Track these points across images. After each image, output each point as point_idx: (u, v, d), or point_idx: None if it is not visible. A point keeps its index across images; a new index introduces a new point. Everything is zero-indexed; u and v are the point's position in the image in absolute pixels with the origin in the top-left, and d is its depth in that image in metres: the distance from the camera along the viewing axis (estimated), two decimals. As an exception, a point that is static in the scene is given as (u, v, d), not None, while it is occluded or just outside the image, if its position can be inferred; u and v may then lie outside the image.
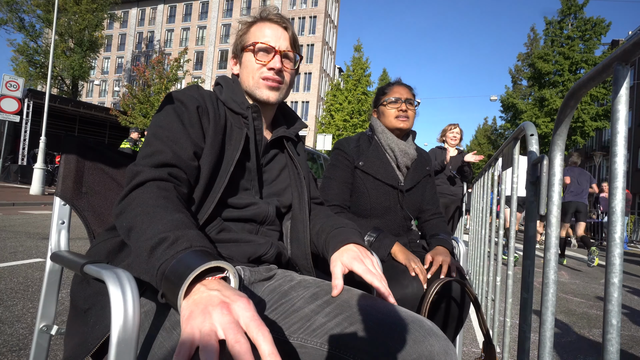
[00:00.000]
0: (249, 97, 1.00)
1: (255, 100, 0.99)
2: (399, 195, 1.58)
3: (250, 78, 0.98)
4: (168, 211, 0.67)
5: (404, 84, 1.65)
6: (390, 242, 1.41)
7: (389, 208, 1.57)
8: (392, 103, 1.59)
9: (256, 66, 0.96)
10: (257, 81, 0.97)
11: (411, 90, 1.63)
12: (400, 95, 1.59)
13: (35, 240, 4.41)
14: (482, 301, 2.37)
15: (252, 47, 0.96)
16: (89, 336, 0.69)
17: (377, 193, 1.55)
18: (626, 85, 0.62)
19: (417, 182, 1.64)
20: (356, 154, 1.59)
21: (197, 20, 43.90)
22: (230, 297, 0.54)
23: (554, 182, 0.91)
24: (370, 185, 1.55)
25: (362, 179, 1.56)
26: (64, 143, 0.99)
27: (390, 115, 1.59)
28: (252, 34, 0.99)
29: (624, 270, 0.63)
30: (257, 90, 0.97)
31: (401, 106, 1.57)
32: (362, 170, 1.56)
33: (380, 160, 1.58)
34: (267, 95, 0.97)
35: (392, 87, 1.63)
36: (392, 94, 1.60)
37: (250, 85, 0.98)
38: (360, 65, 24.65)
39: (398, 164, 1.60)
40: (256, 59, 0.96)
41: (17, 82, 11.68)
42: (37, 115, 14.47)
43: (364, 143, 1.63)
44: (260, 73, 0.96)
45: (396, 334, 0.69)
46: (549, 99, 18.24)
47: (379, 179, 1.55)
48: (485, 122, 45.17)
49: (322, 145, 15.07)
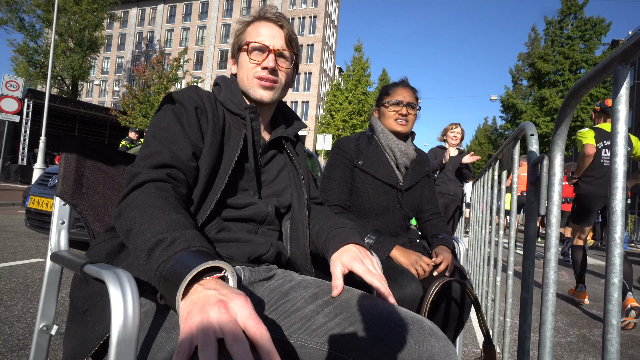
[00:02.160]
0: (246, 97, 1.00)
1: (251, 100, 0.99)
2: (398, 194, 1.58)
3: (245, 78, 0.98)
4: (166, 212, 0.67)
5: (408, 85, 1.63)
6: (389, 245, 1.41)
7: (388, 207, 1.56)
8: (393, 105, 1.58)
9: (250, 66, 0.96)
10: (252, 81, 0.97)
11: (414, 93, 1.62)
12: (403, 99, 1.58)
13: (35, 240, 4.41)
14: (482, 301, 2.37)
15: (247, 47, 0.96)
16: (89, 336, 0.69)
17: (376, 192, 1.55)
18: (626, 85, 0.62)
19: (416, 182, 1.64)
20: (355, 153, 1.59)
21: (197, 20, 43.90)
22: (228, 295, 0.54)
23: (554, 182, 0.91)
24: (369, 184, 1.55)
25: (361, 178, 1.56)
26: (64, 143, 0.99)
27: (390, 117, 1.59)
28: (249, 33, 0.98)
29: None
30: (251, 90, 0.97)
31: (402, 110, 1.57)
32: (362, 169, 1.56)
33: (380, 160, 1.58)
34: (260, 94, 0.97)
35: (395, 88, 1.62)
36: (395, 95, 1.59)
37: (245, 84, 0.98)
38: (361, 65, 24.65)
39: (397, 164, 1.60)
40: (250, 59, 0.96)
41: (17, 82, 11.69)
42: (37, 115, 14.47)
43: (363, 142, 1.63)
44: (255, 73, 0.96)
45: (396, 334, 0.69)
46: (549, 99, 18.24)
47: (378, 178, 1.55)
48: (485, 122, 45.15)
49: (322, 145, 15.06)
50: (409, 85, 1.64)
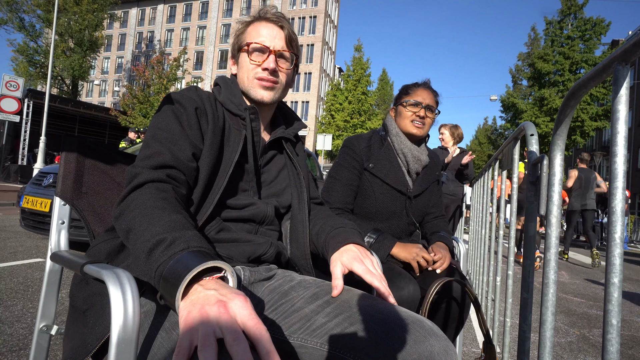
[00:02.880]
0: (246, 97, 1.00)
1: (251, 100, 0.99)
2: (406, 201, 1.54)
3: (245, 78, 0.98)
4: (166, 212, 0.67)
5: (430, 87, 1.56)
6: (390, 243, 1.40)
7: (394, 213, 1.53)
8: (412, 106, 1.51)
9: (251, 66, 0.96)
10: (252, 81, 0.97)
11: (435, 96, 1.56)
12: (422, 100, 1.51)
13: (35, 240, 4.41)
14: (482, 301, 2.37)
15: (247, 47, 0.96)
16: (89, 337, 0.69)
17: (383, 197, 1.51)
18: (626, 85, 0.62)
19: (426, 189, 1.60)
20: (366, 155, 1.53)
21: (197, 20, 43.88)
22: (227, 295, 0.54)
23: (554, 182, 0.91)
24: (377, 188, 1.51)
25: (370, 181, 1.51)
26: (64, 143, 0.99)
27: (407, 118, 1.52)
28: (249, 33, 0.98)
29: (623, 270, 0.63)
30: (251, 90, 0.97)
31: (420, 112, 1.50)
32: (372, 172, 1.51)
33: (391, 164, 1.53)
34: (261, 95, 0.97)
35: (416, 88, 1.55)
36: (415, 96, 1.52)
37: (246, 85, 0.98)
38: (361, 65, 24.65)
39: (409, 169, 1.55)
40: (250, 60, 0.96)
41: (17, 82, 11.69)
42: (37, 115, 14.47)
43: (375, 143, 1.57)
44: (255, 73, 0.96)
45: (396, 334, 0.69)
46: (549, 99, 18.24)
47: (387, 183, 1.51)
48: (485, 122, 45.16)
49: (322, 145, 15.05)
50: (431, 87, 1.57)
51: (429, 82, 1.60)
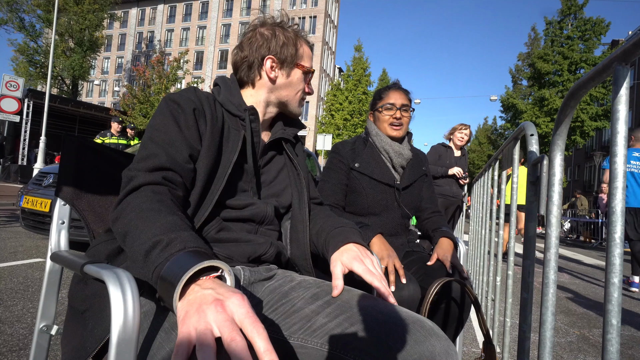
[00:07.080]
0: (272, 105, 1.03)
1: (289, 112, 1.07)
2: (395, 193, 1.58)
3: (293, 92, 1.04)
4: (162, 214, 0.67)
5: (400, 88, 1.64)
6: (371, 234, 1.39)
7: (386, 206, 1.57)
8: (387, 110, 1.59)
9: (302, 87, 1.05)
10: (298, 98, 1.06)
11: (407, 95, 1.63)
12: (395, 102, 1.58)
13: (35, 240, 4.41)
14: (482, 301, 2.37)
15: (305, 69, 1.04)
16: (88, 339, 0.69)
17: (374, 192, 1.56)
18: (626, 85, 0.62)
19: (414, 181, 1.64)
20: (351, 156, 1.60)
21: (197, 20, 43.86)
22: (224, 294, 0.54)
23: (554, 182, 0.91)
24: (366, 184, 1.56)
25: (358, 180, 1.57)
26: (64, 143, 0.99)
27: (385, 122, 1.60)
28: (306, 54, 1.04)
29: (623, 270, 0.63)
30: (294, 104, 1.05)
31: (395, 113, 1.57)
32: (358, 171, 1.57)
33: (376, 161, 1.59)
34: (299, 111, 1.08)
35: (388, 92, 1.63)
36: (388, 99, 1.60)
37: (290, 98, 1.04)
38: (361, 65, 24.63)
39: (393, 164, 1.61)
40: (307, 86, 1.07)
41: (17, 82, 11.69)
42: (37, 115, 14.49)
43: (359, 145, 1.65)
44: (302, 93, 1.06)
45: (397, 335, 0.69)
46: (549, 99, 18.23)
47: (374, 179, 1.57)
48: (485, 122, 45.12)
49: (322, 145, 15.05)
50: (401, 88, 1.65)
51: (398, 83, 1.69)
